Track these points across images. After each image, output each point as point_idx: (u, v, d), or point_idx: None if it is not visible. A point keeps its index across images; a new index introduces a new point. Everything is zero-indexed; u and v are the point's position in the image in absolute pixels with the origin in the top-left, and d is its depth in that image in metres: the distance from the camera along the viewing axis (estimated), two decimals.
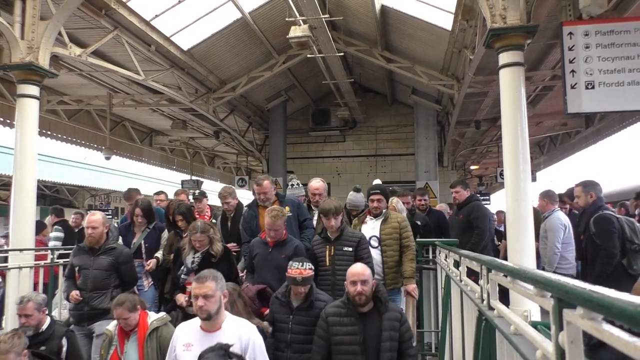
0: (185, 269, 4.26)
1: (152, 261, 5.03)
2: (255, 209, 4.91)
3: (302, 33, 6.93)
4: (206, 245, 4.25)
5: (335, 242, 4.24)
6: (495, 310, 2.06)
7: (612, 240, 4.59)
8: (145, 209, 5.22)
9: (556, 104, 10.31)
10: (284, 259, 4.10)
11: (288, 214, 4.53)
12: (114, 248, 4.56)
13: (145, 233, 5.20)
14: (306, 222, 4.90)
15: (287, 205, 4.71)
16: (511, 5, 4.76)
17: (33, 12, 5.69)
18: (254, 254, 4.35)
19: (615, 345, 0.85)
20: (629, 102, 4.98)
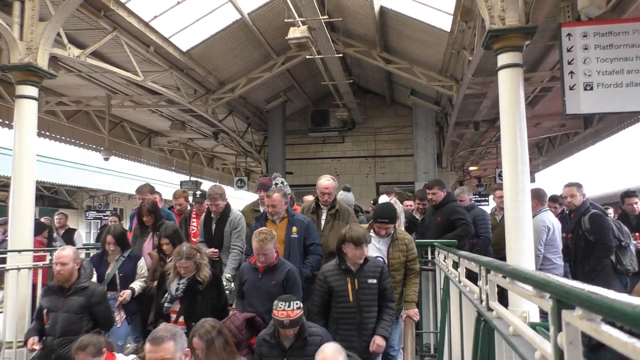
0: (169, 296, 3.99)
1: (126, 292, 4.63)
2: (264, 222, 4.60)
3: (301, 34, 6.93)
4: (192, 272, 3.98)
5: (359, 273, 3.71)
6: (494, 311, 2.06)
7: (609, 235, 4.89)
8: (117, 236, 4.81)
9: (555, 105, 10.34)
10: (275, 285, 3.85)
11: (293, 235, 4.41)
12: (86, 287, 4.11)
13: (119, 262, 4.80)
14: (313, 247, 4.53)
15: (295, 225, 4.46)
16: (510, 7, 4.77)
17: (32, 13, 5.69)
18: (243, 280, 4.07)
19: (614, 346, 0.85)
20: (628, 103, 4.99)
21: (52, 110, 10.70)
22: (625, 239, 4.98)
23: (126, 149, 13.42)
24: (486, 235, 5.94)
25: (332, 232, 4.66)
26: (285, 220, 4.55)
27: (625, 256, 4.93)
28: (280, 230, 4.45)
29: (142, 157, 14.36)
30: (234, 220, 5.10)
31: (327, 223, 4.76)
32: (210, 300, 4.00)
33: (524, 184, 4.67)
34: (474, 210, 6.19)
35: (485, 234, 5.94)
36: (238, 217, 5.15)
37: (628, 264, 4.92)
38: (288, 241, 4.45)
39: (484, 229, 5.97)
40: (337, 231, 4.56)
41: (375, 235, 4.25)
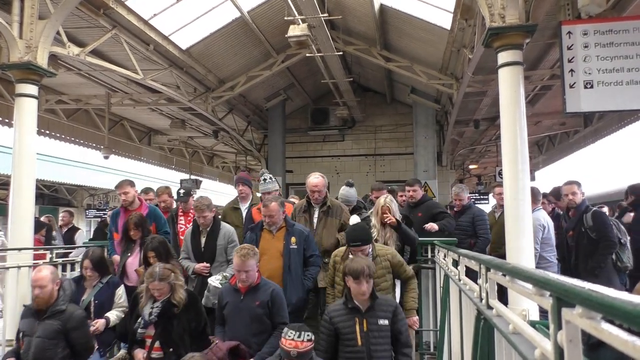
0: (142, 321, 3.70)
1: (100, 322, 4.27)
2: (259, 233, 4.38)
3: (301, 32, 6.93)
4: (166, 294, 3.71)
5: (368, 313, 3.26)
6: (494, 310, 2.06)
7: (612, 231, 4.96)
8: (95, 260, 4.49)
9: (555, 104, 10.33)
10: (259, 306, 3.60)
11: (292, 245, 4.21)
12: (63, 311, 3.81)
13: (96, 289, 4.46)
14: (312, 259, 4.34)
15: (294, 235, 4.27)
16: (510, 5, 4.76)
17: (31, 11, 5.68)
18: (224, 303, 3.75)
19: (614, 344, 0.85)
20: (628, 102, 4.98)
21: (51, 109, 10.69)
22: (622, 236, 5.04)
23: (126, 148, 13.41)
24: (485, 235, 5.94)
25: (325, 229, 4.65)
26: (283, 231, 4.32)
27: (624, 253, 4.99)
28: (278, 241, 4.27)
29: (142, 155, 14.36)
30: (228, 234, 4.84)
31: (319, 221, 4.67)
32: (187, 324, 3.76)
33: (524, 182, 4.68)
34: (472, 210, 6.23)
35: (485, 235, 5.94)
36: (231, 230, 4.90)
37: (627, 261, 4.98)
38: (287, 252, 4.22)
39: (483, 229, 5.97)
40: (330, 228, 4.64)
41: None
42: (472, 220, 6.03)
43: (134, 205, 5.37)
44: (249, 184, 5.61)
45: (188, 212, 5.59)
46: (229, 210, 5.66)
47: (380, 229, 4.56)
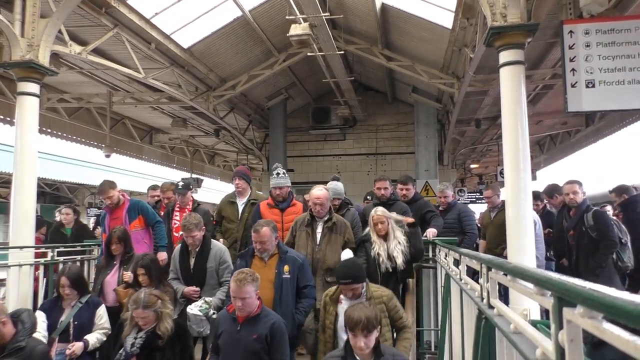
0: (123, 352, 3.43)
1: (77, 345, 3.89)
2: (250, 260, 4.00)
3: (303, 31, 6.93)
4: (152, 323, 3.44)
5: None
6: (495, 309, 2.06)
7: (613, 231, 4.98)
8: (73, 277, 4.10)
9: (556, 103, 10.31)
10: (257, 340, 3.29)
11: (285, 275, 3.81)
12: (23, 347, 3.47)
13: (75, 309, 4.09)
14: (307, 290, 3.95)
15: (287, 263, 3.88)
16: (512, 4, 4.76)
17: (33, 10, 5.69)
18: (219, 332, 3.48)
19: (615, 344, 0.85)
20: (629, 101, 4.98)
21: (53, 107, 10.71)
22: (623, 236, 5.05)
23: (127, 146, 13.42)
24: (472, 231, 5.97)
25: (329, 246, 4.38)
26: (275, 258, 3.94)
27: (624, 253, 5.00)
28: (269, 269, 3.88)
29: (143, 154, 14.38)
30: (219, 253, 4.49)
31: (323, 237, 4.40)
32: (172, 358, 3.48)
33: (526, 181, 4.67)
34: (457, 207, 6.22)
35: (472, 230, 5.96)
36: (223, 249, 4.57)
37: (627, 261, 4.99)
38: (279, 282, 3.83)
39: (469, 225, 5.99)
40: (334, 245, 4.37)
41: (347, 301, 3.55)
42: (458, 217, 6.02)
43: (118, 204, 5.30)
44: (246, 179, 5.49)
45: (184, 207, 5.50)
46: (225, 203, 5.54)
47: (381, 242, 4.37)
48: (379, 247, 4.34)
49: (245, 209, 5.38)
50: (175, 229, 5.46)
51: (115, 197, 5.21)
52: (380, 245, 4.35)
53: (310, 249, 4.39)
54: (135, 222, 5.20)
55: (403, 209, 5.14)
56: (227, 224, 5.51)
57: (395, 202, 5.32)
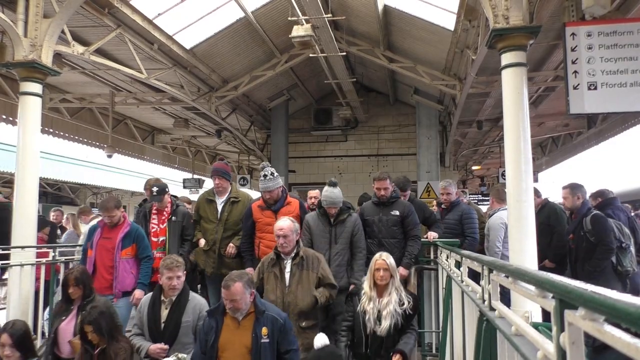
0: None
1: None
2: (220, 319, 3.39)
3: (305, 32, 6.93)
4: None
5: None
6: (496, 311, 2.06)
7: (610, 236, 4.90)
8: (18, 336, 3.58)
9: (558, 105, 10.30)
10: None
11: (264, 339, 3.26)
12: None
13: None
14: (289, 356, 3.37)
15: (266, 324, 3.32)
16: (514, 6, 4.75)
17: (36, 10, 5.70)
18: None
19: (616, 346, 0.85)
20: (632, 103, 4.97)
21: (55, 107, 10.73)
22: (625, 240, 4.97)
23: (129, 146, 13.45)
24: (473, 235, 5.50)
25: (300, 285, 3.86)
26: (251, 318, 3.35)
27: (625, 257, 4.93)
28: (244, 332, 3.31)
29: (145, 154, 14.40)
30: (199, 307, 3.89)
31: (292, 276, 3.86)
32: None
33: (527, 183, 4.66)
34: (460, 207, 5.73)
35: (473, 234, 5.51)
36: (202, 303, 3.99)
37: (628, 265, 4.92)
38: (257, 348, 3.27)
39: (470, 229, 5.53)
40: (305, 284, 3.86)
41: None
42: (460, 219, 5.58)
43: (117, 224, 4.83)
44: (227, 177, 5.11)
45: (162, 210, 5.17)
46: (203, 202, 5.18)
47: (374, 295, 3.78)
48: (369, 302, 3.76)
49: (225, 208, 5.02)
50: (152, 234, 5.09)
51: (117, 217, 4.80)
52: (371, 299, 3.77)
53: (279, 291, 3.87)
54: (128, 250, 4.74)
55: (406, 210, 4.80)
56: (205, 224, 5.12)
57: (396, 200, 4.90)
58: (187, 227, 5.21)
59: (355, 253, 4.54)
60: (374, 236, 4.79)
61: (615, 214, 5.26)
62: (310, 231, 4.62)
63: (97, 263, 4.70)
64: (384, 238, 4.76)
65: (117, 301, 4.60)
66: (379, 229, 4.79)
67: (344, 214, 4.59)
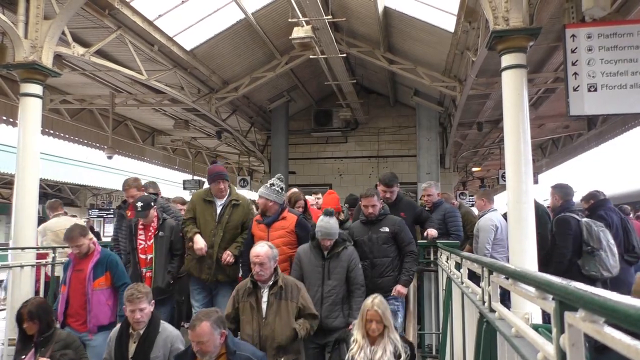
0: None
1: None
2: None
3: (305, 34, 6.93)
4: None
5: None
6: (496, 313, 2.06)
7: (565, 241, 4.87)
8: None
9: (558, 106, 10.31)
10: None
11: None
12: None
13: None
14: None
15: None
16: (514, 8, 4.76)
17: (37, 11, 5.71)
18: None
19: (616, 348, 0.85)
20: (632, 105, 4.98)
21: (56, 109, 10.74)
22: (593, 244, 4.79)
23: (129, 148, 13.46)
24: (457, 233, 5.49)
25: (279, 317, 3.55)
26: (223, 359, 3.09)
27: (589, 262, 4.76)
28: None
29: (145, 155, 14.40)
30: (170, 340, 3.58)
31: (269, 307, 3.57)
32: None
33: (527, 185, 4.67)
34: (443, 206, 5.75)
35: (457, 232, 5.50)
36: (174, 335, 3.66)
37: (593, 270, 4.74)
38: None
39: (455, 227, 5.54)
40: (284, 316, 3.56)
41: None
42: (444, 218, 5.58)
43: (87, 253, 4.42)
44: (228, 179, 4.82)
45: (149, 225, 4.76)
46: (200, 201, 4.75)
47: (365, 343, 3.38)
48: (359, 351, 3.35)
49: (226, 211, 4.69)
50: (140, 250, 4.75)
51: (85, 246, 4.36)
52: (362, 348, 3.36)
53: (256, 324, 3.58)
54: (101, 280, 4.34)
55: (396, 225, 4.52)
56: (200, 227, 4.71)
57: (385, 216, 4.60)
58: (176, 242, 4.80)
59: (353, 290, 4.12)
60: (366, 257, 4.44)
61: (608, 215, 5.23)
62: (301, 264, 4.19)
63: (70, 298, 4.32)
64: (376, 258, 4.45)
65: (93, 337, 4.24)
66: (370, 249, 4.47)
67: (338, 246, 4.16)
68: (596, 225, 4.90)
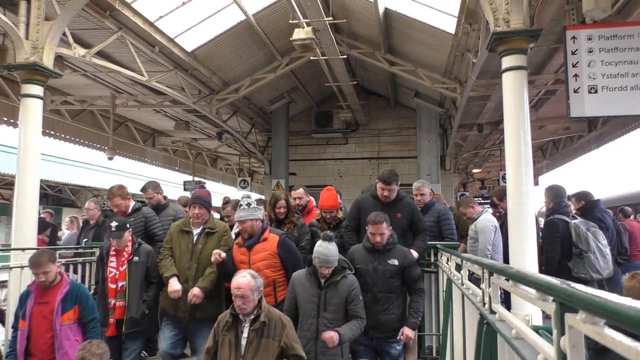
0: None
1: None
2: None
3: (306, 35, 6.94)
4: None
5: None
6: (496, 314, 2.05)
7: (553, 244, 4.85)
8: None
9: (559, 108, 10.32)
10: None
11: None
12: None
13: None
14: None
15: None
16: (514, 9, 4.76)
17: (38, 12, 5.72)
18: None
19: (617, 350, 0.85)
20: (632, 107, 4.98)
21: (57, 110, 10.75)
22: (582, 246, 4.76)
23: (130, 149, 13.47)
24: (452, 236, 5.30)
25: (257, 357, 3.17)
26: None
27: (578, 265, 4.74)
28: None
29: (146, 156, 14.42)
30: None
31: (249, 344, 3.23)
32: None
33: (528, 187, 4.67)
34: (436, 207, 5.50)
35: (451, 235, 5.30)
36: None
37: (582, 272, 4.71)
38: None
39: (449, 230, 5.33)
40: (264, 356, 3.17)
41: None
42: (437, 220, 5.35)
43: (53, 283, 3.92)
44: (208, 206, 4.39)
45: (122, 251, 4.35)
46: (176, 232, 4.39)
47: None
48: None
49: (199, 240, 4.30)
50: (110, 279, 4.30)
51: (53, 274, 3.87)
52: None
53: None
54: (70, 314, 3.88)
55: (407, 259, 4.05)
56: (175, 260, 4.32)
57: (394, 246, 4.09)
58: (152, 269, 4.37)
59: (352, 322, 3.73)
60: (368, 289, 3.96)
61: (604, 218, 5.24)
62: (295, 293, 3.79)
63: (32, 335, 3.78)
64: (380, 292, 3.98)
65: None
66: (374, 281, 3.99)
67: (337, 274, 3.74)
68: (588, 226, 4.89)
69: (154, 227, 5.01)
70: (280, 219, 4.65)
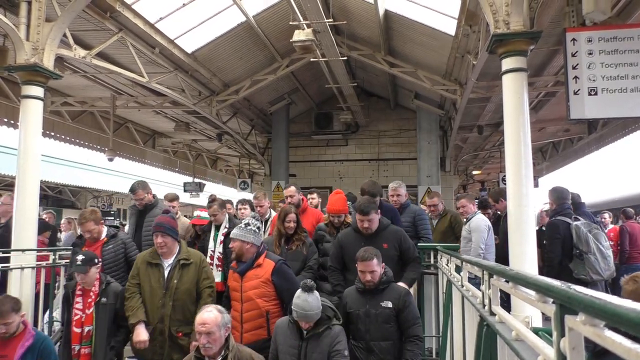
0: None
1: None
2: None
3: (306, 37, 6.95)
4: None
5: None
6: (496, 316, 2.05)
7: (553, 245, 5.00)
8: None
9: (559, 110, 10.32)
10: None
11: None
12: None
13: None
14: None
15: None
16: (514, 11, 4.77)
17: (38, 13, 5.72)
18: None
19: (617, 352, 0.85)
20: (632, 109, 4.98)
21: (57, 111, 10.75)
22: (582, 247, 4.83)
23: (130, 150, 13.47)
24: (427, 236, 5.27)
25: None
26: None
27: (578, 266, 4.80)
28: None
29: (146, 158, 14.42)
30: None
31: None
32: None
33: (528, 188, 4.67)
34: (411, 208, 5.43)
35: (427, 235, 5.27)
36: None
37: (582, 273, 4.79)
38: None
39: (425, 230, 5.29)
40: None
41: None
42: (413, 220, 5.26)
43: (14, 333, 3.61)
44: (172, 234, 3.95)
45: (89, 291, 3.88)
46: (143, 264, 3.95)
47: None
48: None
49: (174, 274, 3.87)
50: (75, 323, 3.82)
51: (15, 324, 3.52)
52: None
53: None
54: None
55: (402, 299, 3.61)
56: (146, 296, 3.87)
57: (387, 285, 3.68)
58: (121, 311, 3.91)
59: None
60: (360, 337, 3.59)
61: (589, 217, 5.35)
62: (276, 343, 3.46)
63: None
64: (374, 340, 3.54)
65: None
66: (366, 328, 3.57)
67: (321, 325, 3.34)
68: (589, 228, 4.92)
69: (133, 253, 4.53)
70: (290, 234, 4.45)
